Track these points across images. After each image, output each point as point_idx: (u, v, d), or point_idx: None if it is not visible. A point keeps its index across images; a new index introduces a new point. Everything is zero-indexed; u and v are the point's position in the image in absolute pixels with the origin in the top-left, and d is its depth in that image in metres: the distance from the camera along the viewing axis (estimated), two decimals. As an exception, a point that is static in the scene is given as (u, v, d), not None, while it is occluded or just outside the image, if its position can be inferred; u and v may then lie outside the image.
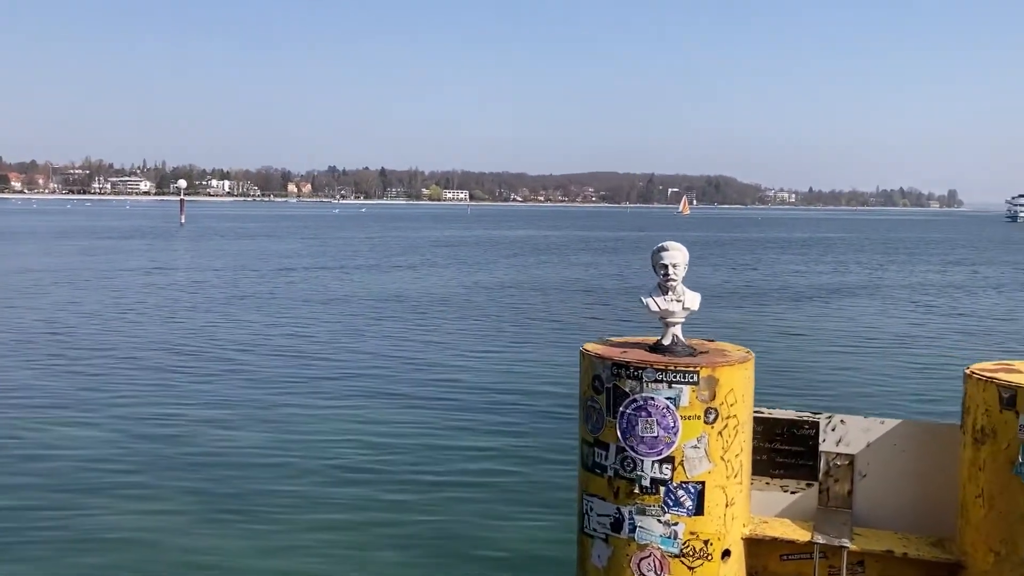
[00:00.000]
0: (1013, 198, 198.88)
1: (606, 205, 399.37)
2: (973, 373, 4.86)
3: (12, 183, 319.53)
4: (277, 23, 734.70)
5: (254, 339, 21.58)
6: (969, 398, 4.85)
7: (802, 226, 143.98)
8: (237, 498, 10.33)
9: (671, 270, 5.23)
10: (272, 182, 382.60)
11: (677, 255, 5.25)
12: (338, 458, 11.73)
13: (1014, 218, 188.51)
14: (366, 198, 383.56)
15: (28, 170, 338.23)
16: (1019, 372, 4.83)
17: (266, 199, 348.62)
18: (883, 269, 49.44)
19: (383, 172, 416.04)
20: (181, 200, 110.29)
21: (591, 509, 5.13)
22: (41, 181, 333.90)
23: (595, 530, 5.11)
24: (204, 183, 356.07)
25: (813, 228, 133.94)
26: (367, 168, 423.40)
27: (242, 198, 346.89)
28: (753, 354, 5.30)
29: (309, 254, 56.17)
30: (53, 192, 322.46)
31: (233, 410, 14.35)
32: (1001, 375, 4.74)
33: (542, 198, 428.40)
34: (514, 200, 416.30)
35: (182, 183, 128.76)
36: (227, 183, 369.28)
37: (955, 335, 23.59)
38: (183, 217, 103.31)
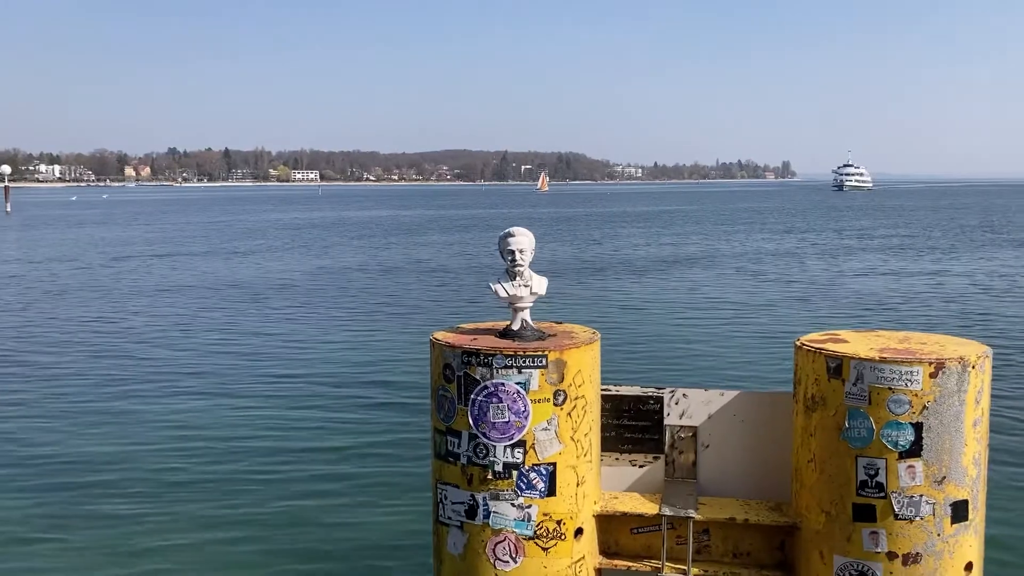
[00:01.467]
0: (838, 168, 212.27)
1: (461, 183, 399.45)
2: (803, 344, 5.11)
3: None
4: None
5: (76, 336, 20.35)
6: (799, 368, 5.10)
7: (648, 200, 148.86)
8: (62, 514, 9.64)
9: (518, 256, 5.24)
10: (107, 166, 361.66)
11: (523, 240, 5.27)
12: (171, 465, 11.09)
13: (840, 187, 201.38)
14: (210, 180, 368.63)
15: None
16: (845, 342, 5.11)
17: (101, 184, 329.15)
18: (721, 240, 51.83)
19: (227, 153, 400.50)
20: (5, 187, 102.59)
21: (445, 497, 5.11)
22: None
23: (450, 518, 5.09)
24: (31, 168, 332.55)
25: (658, 201, 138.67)
26: (210, 149, 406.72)
27: (75, 183, 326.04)
28: (599, 334, 5.40)
29: (144, 241, 53.56)
30: None
31: (50, 417, 13.38)
32: (828, 345, 5.00)
33: (396, 177, 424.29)
34: (367, 180, 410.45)
35: (6, 168, 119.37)
36: (58, 168, 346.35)
37: (788, 304, 25.01)
38: (8, 206, 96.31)
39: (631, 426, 5.67)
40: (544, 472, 4.95)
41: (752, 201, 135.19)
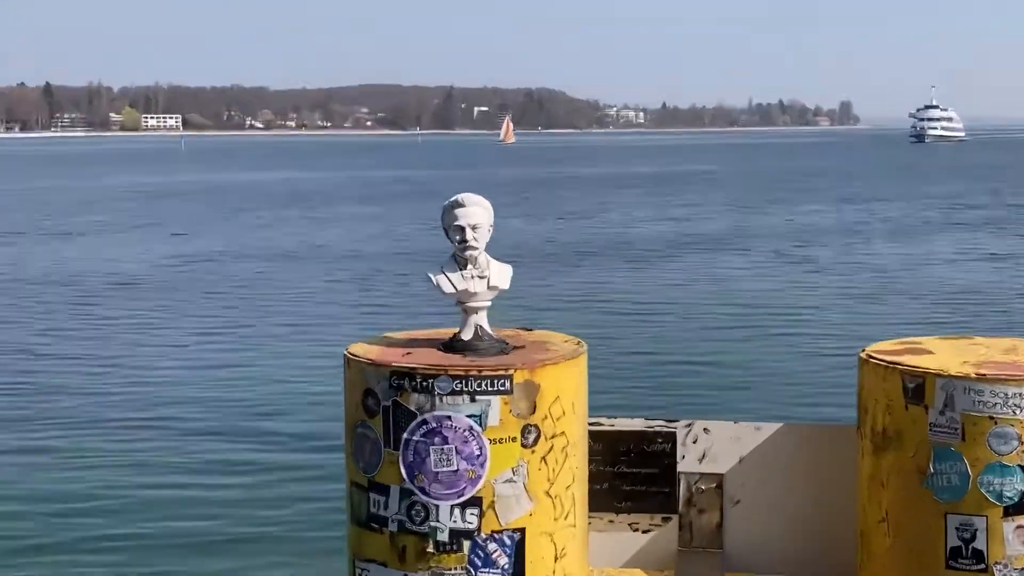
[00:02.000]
0: (919, 110, 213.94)
1: (387, 132, 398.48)
2: (870, 357, 5.17)
3: None
4: None
5: None
6: (866, 390, 5.16)
7: (653, 157, 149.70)
8: None
9: (469, 233, 5.22)
10: None
11: (477, 212, 5.25)
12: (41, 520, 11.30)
13: (921, 137, 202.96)
14: (23, 130, 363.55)
15: None
16: (928, 353, 5.18)
17: None
18: (753, 214, 52.33)
19: (48, 90, 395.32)
20: None
21: (368, 580, 5.12)
22: None
23: (375, 609, 5.10)
24: None
25: (667, 159, 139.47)
26: (23, 85, 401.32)
27: None
28: (586, 345, 5.42)
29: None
30: None
31: None
32: (906, 358, 5.06)
33: (293, 123, 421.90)
34: (252, 128, 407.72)
35: None
36: None
37: (848, 302, 25.33)
38: None
39: (632, 475, 5.72)
40: (508, 542, 4.97)
41: (798, 158, 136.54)
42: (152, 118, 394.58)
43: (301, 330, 22.70)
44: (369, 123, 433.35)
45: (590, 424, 5.53)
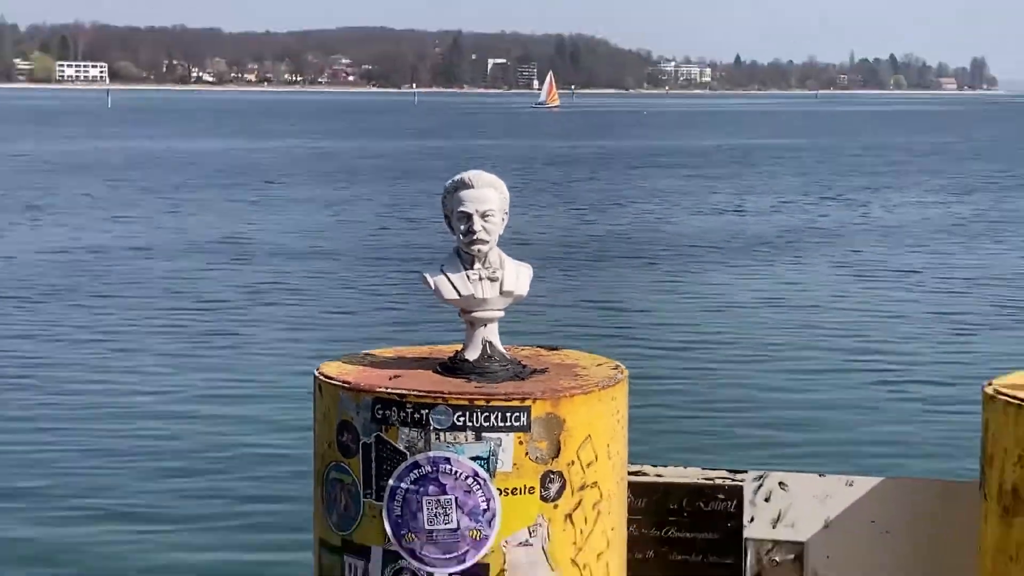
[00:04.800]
0: None
1: (376, 89, 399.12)
2: (998, 392, 5.19)
3: None
4: None
5: None
6: (992, 435, 5.19)
7: (723, 126, 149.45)
8: None
9: (478, 222, 5.24)
10: None
11: (489, 196, 5.26)
12: None
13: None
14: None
15: None
16: (1071, 388, 5.20)
17: None
18: (846, 205, 52.15)
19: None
20: None
21: (340, 670, 5.17)
22: None
23: None
24: None
25: (740, 130, 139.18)
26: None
27: None
28: (627, 372, 5.45)
29: None
30: None
31: None
32: (1042, 395, 5.09)
33: (254, 76, 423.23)
34: (200, 81, 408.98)
35: None
36: None
37: (968, 323, 25.28)
38: None
39: (684, 540, 5.76)
40: (522, 625, 5.01)
41: (913, 132, 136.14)
42: (70, 66, 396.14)
43: (256, 346, 22.77)
44: (351, 77, 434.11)
45: (630, 474, 5.56)
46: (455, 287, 5.29)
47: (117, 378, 19.92)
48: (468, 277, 5.29)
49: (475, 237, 5.26)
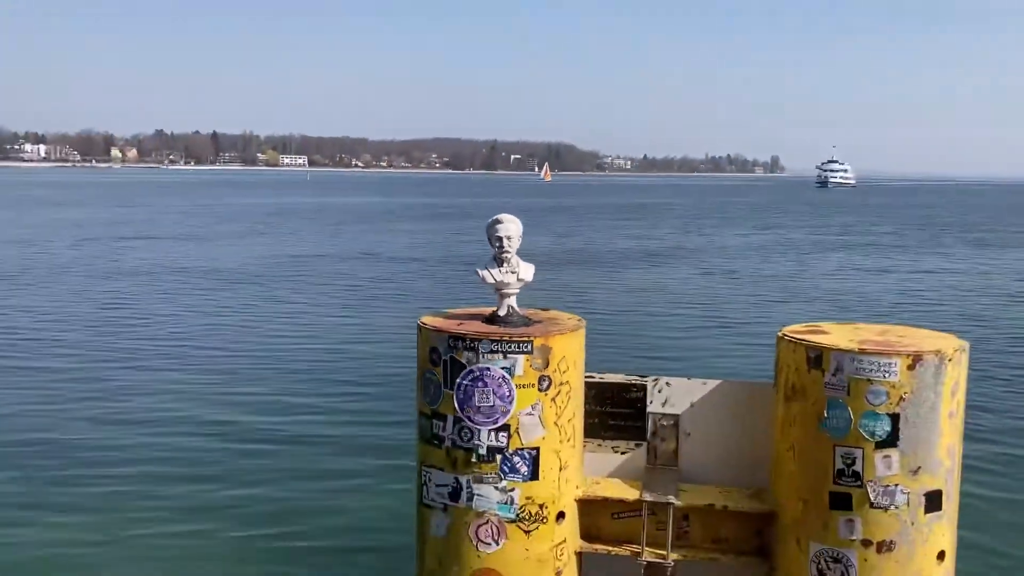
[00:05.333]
0: (823, 164, 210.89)
1: (449, 171, 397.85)
2: (784, 335, 5.17)
3: None
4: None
5: (71, 315, 20.30)
6: (781, 359, 5.16)
7: (638, 192, 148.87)
8: (62, 484, 9.73)
9: (506, 242, 5.26)
10: (94, 146, 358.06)
11: (511, 227, 5.30)
12: (153, 452, 11.03)
13: (824, 183, 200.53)
14: (197, 163, 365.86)
15: None
16: (826, 333, 5.18)
17: (87, 164, 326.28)
18: (705, 233, 52.02)
19: (215, 136, 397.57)
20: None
21: (430, 480, 5.15)
22: None
23: (434, 500, 5.14)
24: (16, 147, 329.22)
25: (647, 194, 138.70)
26: (198, 132, 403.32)
27: (60, 163, 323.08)
28: (585, 322, 5.44)
29: (127, 222, 53.23)
30: None
31: (49, 389, 13.47)
32: (810, 337, 5.06)
33: (385, 164, 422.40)
34: (356, 166, 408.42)
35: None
36: (43, 147, 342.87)
37: (769, 299, 25.17)
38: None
39: (614, 413, 5.73)
40: (528, 456, 5.00)
41: (735, 196, 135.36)
42: (287, 157, 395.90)
43: (390, 306, 22.82)
44: (437, 165, 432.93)
45: (586, 377, 5.54)
46: (493, 276, 5.31)
47: (313, 327, 19.82)
48: (500, 271, 5.30)
49: (504, 250, 5.29)
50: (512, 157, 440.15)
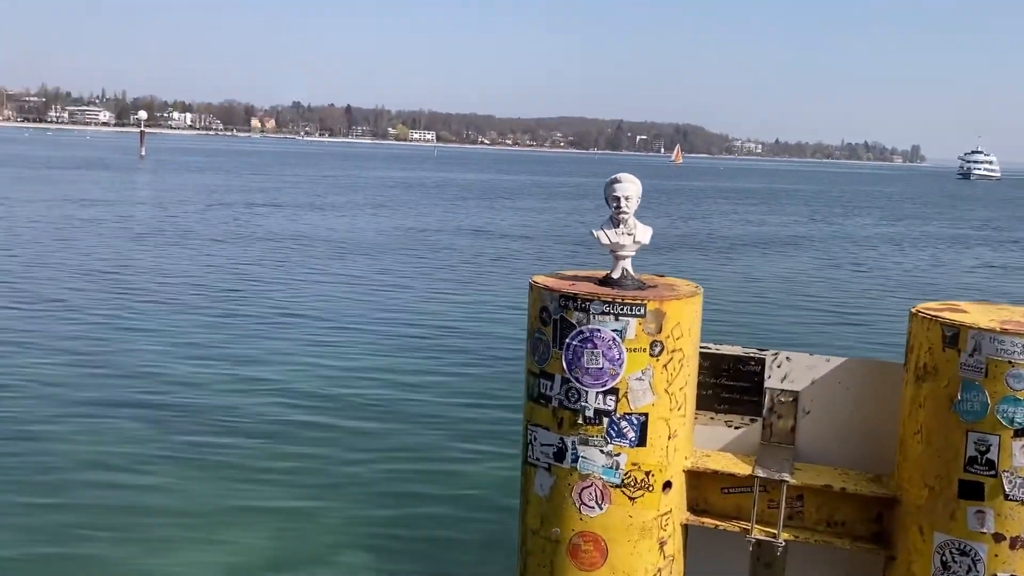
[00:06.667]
0: (966, 154, 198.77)
1: (574, 151, 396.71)
2: (918, 312, 4.86)
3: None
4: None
5: (204, 278, 21.18)
6: (913, 336, 4.86)
7: (764, 176, 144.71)
8: (190, 427, 10.22)
9: (623, 203, 5.13)
10: (235, 116, 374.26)
11: (630, 187, 5.15)
12: (265, 413, 11.24)
13: (967, 175, 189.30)
14: (331, 136, 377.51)
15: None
16: (963, 311, 4.84)
17: (228, 134, 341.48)
18: (839, 221, 50.00)
19: (348, 110, 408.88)
20: (141, 132, 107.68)
21: (535, 439, 5.11)
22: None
23: (538, 459, 5.09)
24: (165, 115, 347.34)
25: (773, 179, 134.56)
26: (332, 105, 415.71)
27: (204, 132, 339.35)
28: (702, 289, 5.26)
29: (267, 190, 55.32)
30: (8, 120, 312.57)
31: (178, 348, 14.00)
32: (945, 314, 4.74)
33: (510, 141, 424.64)
34: (482, 143, 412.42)
35: (142, 114, 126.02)
36: (189, 116, 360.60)
37: (896, 283, 24.09)
38: (143, 149, 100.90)
39: (729, 386, 5.53)
40: (635, 422, 4.88)
41: (870, 185, 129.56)
42: (416, 132, 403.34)
43: (502, 271, 23.03)
44: (562, 144, 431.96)
45: (701, 347, 5.37)
46: (608, 237, 5.19)
47: (423, 298, 20.11)
48: (616, 232, 5.18)
49: (621, 211, 5.15)
50: (638, 138, 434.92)
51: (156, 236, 28.54)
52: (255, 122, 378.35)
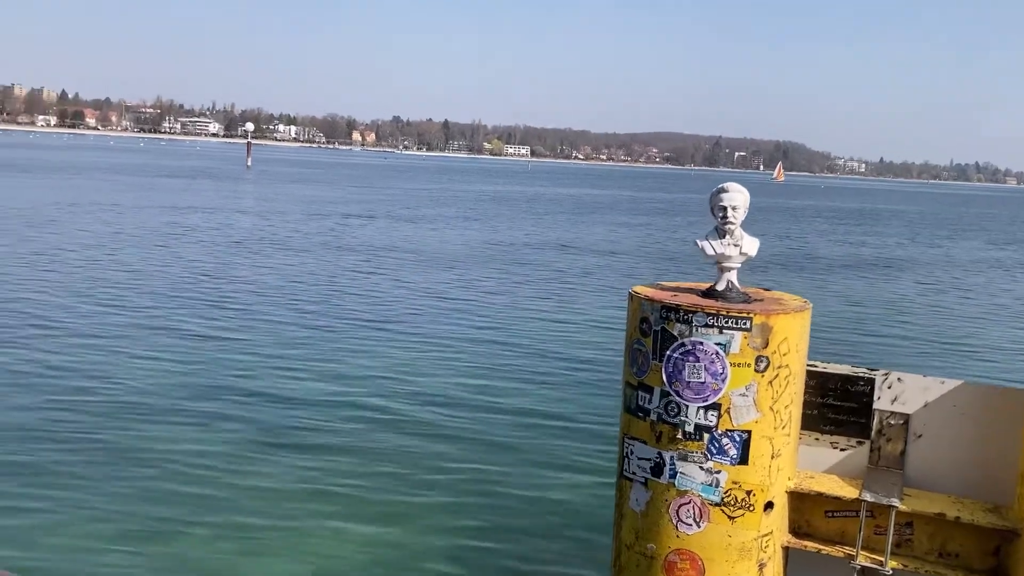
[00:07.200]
0: None
1: (670, 166, 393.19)
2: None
3: (87, 119, 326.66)
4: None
5: (303, 284, 21.68)
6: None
7: (868, 195, 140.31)
8: (285, 433, 10.43)
9: (730, 213, 5.00)
10: (337, 129, 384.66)
11: (737, 197, 5.02)
12: (377, 410, 11.53)
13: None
14: (428, 149, 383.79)
15: (102, 107, 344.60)
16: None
17: (330, 146, 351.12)
18: (945, 244, 48.02)
19: (446, 124, 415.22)
20: (248, 143, 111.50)
21: (632, 452, 5.01)
22: (114, 119, 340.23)
23: (635, 473, 4.99)
24: (271, 127, 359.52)
25: (877, 199, 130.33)
26: (430, 120, 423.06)
27: (307, 144, 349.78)
28: (811, 304, 5.08)
29: (363, 202, 56.41)
30: (125, 130, 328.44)
31: (271, 358, 14.25)
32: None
33: (604, 157, 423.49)
34: (576, 158, 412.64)
35: (249, 126, 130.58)
36: (293, 128, 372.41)
37: (1008, 310, 22.93)
38: (249, 160, 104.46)
39: (836, 406, 5.33)
40: (737, 439, 4.74)
41: (980, 207, 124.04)
42: (510, 147, 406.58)
43: (600, 284, 22.86)
44: (657, 159, 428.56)
45: (808, 365, 5.18)
46: (713, 248, 5.06)
47: (521, 303, 20.08)
48: (722, 243, 5.05)
49: (727, 221, 5.03)
50: (736, 154, 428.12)
51: (254, 244, 29.38)
52: (356, 135, 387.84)
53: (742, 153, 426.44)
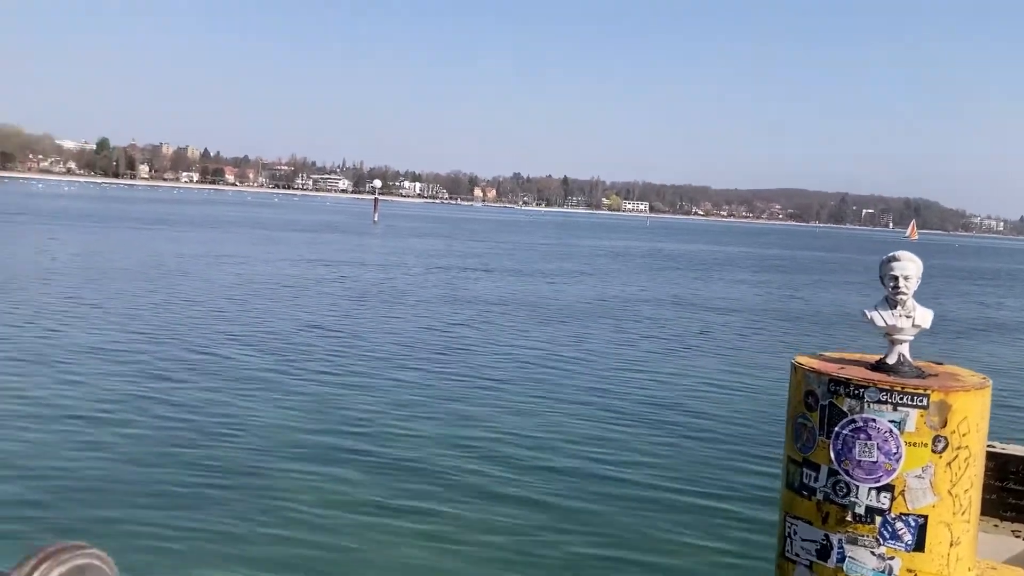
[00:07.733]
0: None
1: (793, 223, 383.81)
2: None
3: (226, 176, 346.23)
4: (476, 39, 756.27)
5: (414, 338, 21.78)
6: None
7: (1005, 257, 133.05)
8: (409, 485, 10.49)
9: (902, 282, 4.76)
10: (460, 185, 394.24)
11: (910, 266, 4.78)
12: (492, 463, 11.47)
13: None
14: (547, 205, 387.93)
15: (240, 165, 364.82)
16: None
17: (453, 202, 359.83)
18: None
19: (565, 180, 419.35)
20: (375, 199, 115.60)
21: (795, 533, 4.75)
22: (251, 175, 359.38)
23: (798, 555, 4.72)
24: (397, 184, 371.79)
25: (1016, 259, 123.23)
26: (550, 176, 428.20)
27: (431, 200, 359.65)
28: (990, 381, 4.75)
29: (480, 255, 57.21)
30: (261, 186, 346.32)
31: (389, 406, 14.38)
32: None
33: (725, 213, 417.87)
34: (695, 214, 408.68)
35: (377, 183, 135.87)
36: (418, 185, 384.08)
37: None
38: (376, 215, 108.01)
39: (1018, 491, 4.94)
40: (913, 524, 4.42)
41: None
42: (629, 203, 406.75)
43: (751, 347, 22.22)
44: (780, 216, 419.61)
45: (987, 445, 4.82)
46: (884, 319, 4.82)
47: (623, 362, 19.66)
48: (893, 314, 4.80)
49: (899, 291, 4.78)
50: (863, 211, 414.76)
51: (376, 296, 30.13)
52: (477, 191, 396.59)
53: (870, 210, 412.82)
